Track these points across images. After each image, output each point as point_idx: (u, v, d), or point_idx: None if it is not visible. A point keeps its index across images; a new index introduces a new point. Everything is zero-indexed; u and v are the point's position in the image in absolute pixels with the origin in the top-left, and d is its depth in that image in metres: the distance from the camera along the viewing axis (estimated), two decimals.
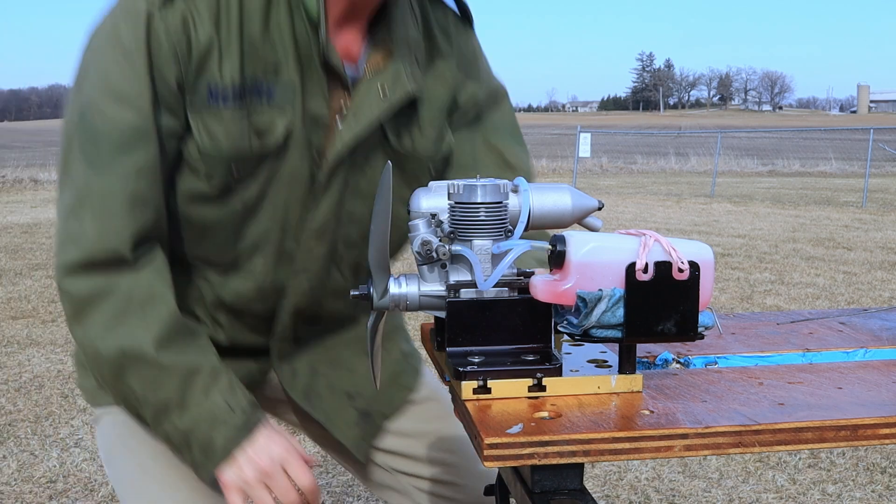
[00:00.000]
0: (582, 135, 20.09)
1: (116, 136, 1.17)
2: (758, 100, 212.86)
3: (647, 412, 0.87)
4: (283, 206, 1.29)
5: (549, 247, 0.91)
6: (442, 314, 0.96)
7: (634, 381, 0.93)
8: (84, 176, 1.18)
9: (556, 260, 0.90)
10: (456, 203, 0.96)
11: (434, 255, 0.95)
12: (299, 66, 1.24)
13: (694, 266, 0.88)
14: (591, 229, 1.08)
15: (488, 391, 0.90)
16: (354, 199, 1.33)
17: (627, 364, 0.93)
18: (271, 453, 1.22)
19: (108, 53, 1.19)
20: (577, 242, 0.89)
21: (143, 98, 1.17)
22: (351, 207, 1.34)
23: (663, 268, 0.88)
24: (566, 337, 0.96)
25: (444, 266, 0.97)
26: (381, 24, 1.29)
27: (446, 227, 0.97)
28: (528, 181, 1.05)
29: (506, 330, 0.95)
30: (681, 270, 0.88)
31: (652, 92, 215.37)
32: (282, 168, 1.26)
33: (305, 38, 1.22)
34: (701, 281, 0.89)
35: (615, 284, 0.88)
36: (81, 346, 1.25)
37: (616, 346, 0.94)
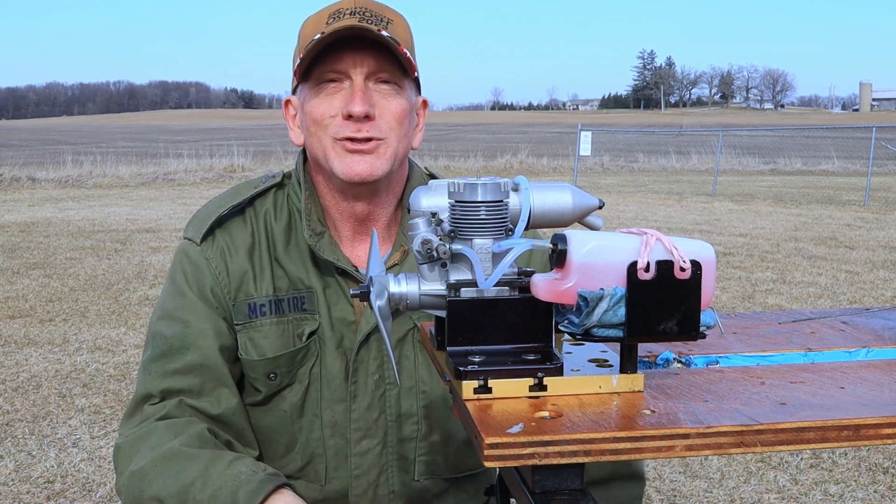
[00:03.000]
0: (583, 133, 20.09)
1: (160, 347, 1.42)
2: (759, 98, 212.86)
3: (648, 412, 0.86)
4: (328, 407, 1.46)
5: (551, 246, 0.91)
6: (442, 313, 0.96)
7: (636, 380, 0.93)
8: (139, 378, 1.45)
9: (558, 259, 0.90)
10: (456, 202, 0.96)
11: (434, 254, 0.94)
12: (319, 276, 1.45)
13: (696, 265, 0.88)
14: (592, 228, 1.07)
15: (489, 391, 0.89)
16: (394, 392, 1.47)
17: (629, 363, 0.93)
18: None
19: (165, 285, 1.49)
20: (579, 241, 0.89)
21: (187, 311, 1.42)
22: (392, 402, 1.47)
23: (665, 267, 0.87)
24: (567, 336, 0.95)
25: (444, 265, 0.96)
26: (401, 231, 1.51)
27: (447, 225, 0.97)
28: None
29: (506, 329, 0.94)
30: (682, 269, 0.88)
31: (653, 90, 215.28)
32: (318, 370, 1.45)
33: (320, 251, 1.44)
34: (703, 280, 0.88)
35: (616, 283, 0.88)
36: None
37: (617, 346, 0.94)
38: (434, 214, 0.98)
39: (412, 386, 1.47)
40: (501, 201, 0.96)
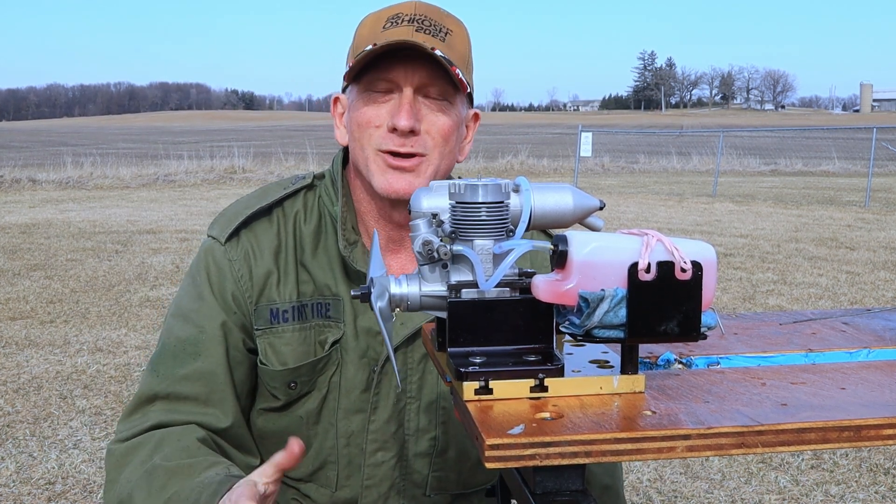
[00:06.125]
0: (583, 134, 20.08)
1: (171, 348, 1.40)
2: (760, 99, 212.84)
3: (649, 413, 0.86)
4: (345, 417, 1.44)
5: (552, 247, 0.91)
6: (443, 314, 0.96)
7: (636, 381, 0.93)
8: (145, 376, 1.42)
9: (559, 260, 0.90)
10: (457, 203, 0.96)
11: (435, 254, 0.94)
12: (348, 283, 1.42)
13: (697, 266, 0.88)
14: (593, 229, 1.07)
15: (490, 392, 0.89)
16: (414, 406, 1.45)
17: (629, 364, 0.93)
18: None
19: (185, 281, 1.46)
20: (579, 242, 0.89)
21: (203, 316, 1.40)
22: (412, 416, 1.46)
23: (666, 268, 0.87)
24: (568, 337, 0.95)
25: (445, 266, 0.96)
26: None
27: (447, 226, 0.97)
28: None
29: (507, 330, 0.94)
30: (683, 270, 0.88)
31: (654, 91, 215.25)
32: (338, 379, 1.43)
33: (353, 262, 1.41)
34: (703, 281, 0.88)
35: (617, 284, 0.88)
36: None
37: (618, 347, 0.94)
38: (435, 215, 0.98)
39: (433, 401, 1.46)
40: (502, 202, 0.96)
